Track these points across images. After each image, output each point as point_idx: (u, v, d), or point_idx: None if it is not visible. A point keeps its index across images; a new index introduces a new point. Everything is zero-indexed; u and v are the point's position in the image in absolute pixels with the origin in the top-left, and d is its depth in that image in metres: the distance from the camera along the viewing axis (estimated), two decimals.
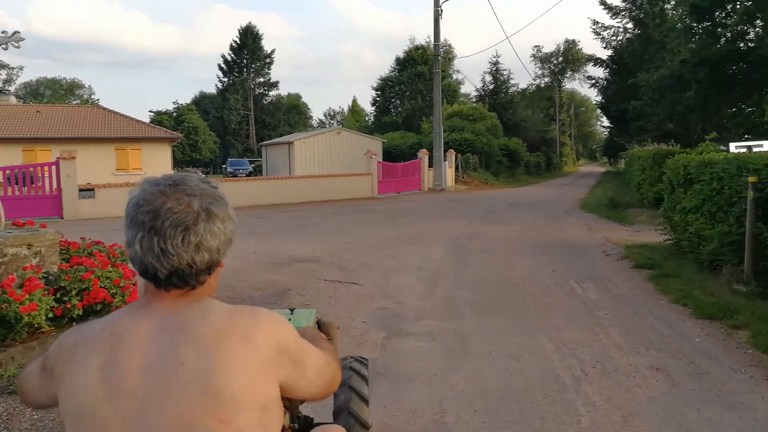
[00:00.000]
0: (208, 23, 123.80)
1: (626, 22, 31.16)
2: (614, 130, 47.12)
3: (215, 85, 61.27)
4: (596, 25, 33.01)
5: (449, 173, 25.54)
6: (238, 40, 59.04)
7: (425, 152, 24.58)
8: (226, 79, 59.41)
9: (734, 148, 12.80)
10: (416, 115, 43.37)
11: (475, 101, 48.37)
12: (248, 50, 58.94)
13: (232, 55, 59.40)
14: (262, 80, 61.17)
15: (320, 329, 1.78)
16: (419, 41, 47.32)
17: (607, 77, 35.25)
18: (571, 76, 62.90)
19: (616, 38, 32.26)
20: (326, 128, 43.32)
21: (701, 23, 13.71)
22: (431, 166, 24.59)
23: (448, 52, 47.59)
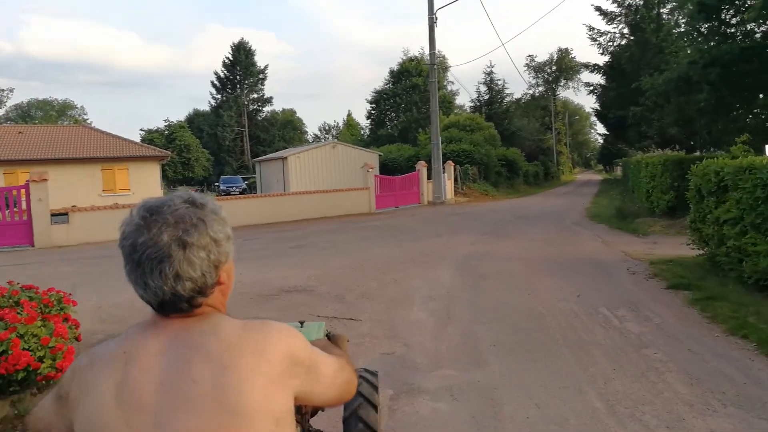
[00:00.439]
0: (201, 42, 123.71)
1: (622, 27, 30.68)
2: (611, 137, 46.59)
3: (208, 102, 60.49)
4: (592, 31, 32.50)
5: (449, 185, 24.73)
6: (231, 56, 58.57)
7: (423, 164, 23.79)
8: (219, 96, 58.85)
9: None
10: (412, 127, 42.72)
11: (470, 112, 47.78)
12: (241, 66, 58.47)
13: (225, 71, 58.88)
14: (255, 96, 60.68)
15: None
16: (413, 53, 46.88)
17: (604, 83, 34.66)
18: (565, 84, 62.58)
19: (612, 44, 31.74)
20: (321, 142, 42.64)
21: (709, 22, 13.03)
22: (430, 178, 23.80)
23: (442, 63, 47.11)
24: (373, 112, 48.13)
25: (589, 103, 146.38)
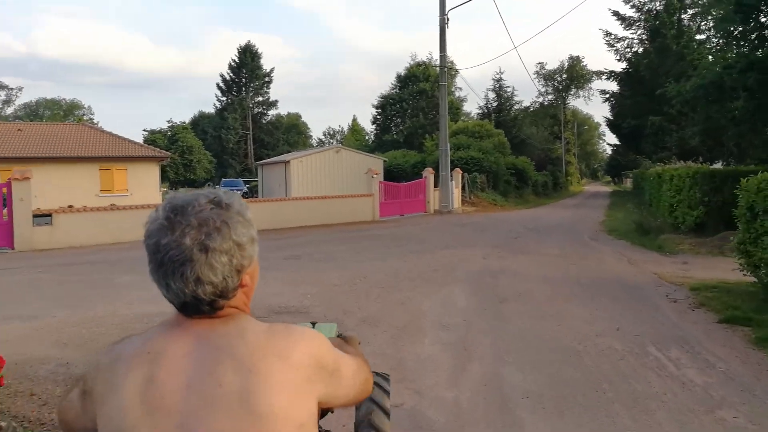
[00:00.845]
0: (209, 45, 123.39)
1: (641, 33, 29.69)
2: (622, 148, 45.56)
3: (213, 104, 59.98)
4: (609, 36, 31.52)
5: (456, 194, 23.80)
6: (237, 59, 58.08)
7: (431, 171, 22.86)
8: (224, 98, 58.38)
9: None
10: (418, 133, 41.84)
11: (478, 119, 46.91)
12: (247, 69, 57.98)
13: (230, 74, 58.39)
14: (260, 99, 60.20)
15: None
16: (420, 58, 46.08)
17: (620, 91, 33.65)
18: (575, 93, 61.63)
19: (630, 50, 30.73)
20: (325, 147, 41.80)
21: (745, 24, 12.11)
22: (436, 186, 22.90)
23: (450, 68, 46.35)
24: (378, 117, 47.30)
25: (598, 112, 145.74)
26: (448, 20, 21.00)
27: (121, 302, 6.56)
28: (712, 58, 15.55)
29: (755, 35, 12.47)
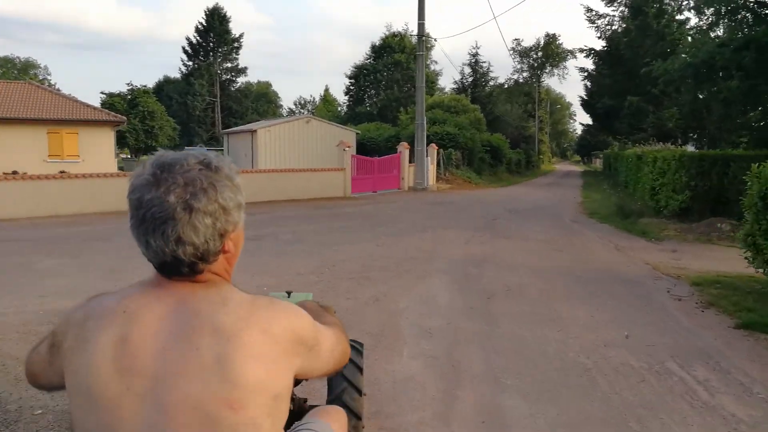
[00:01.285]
0: (176, 7, 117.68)
1: (622, 10, 28.95)
2: (595, 128, 45.35)
3: (179, 69, 57.04)
4: (590, 12, 30.72)
5: (431, 170, 22.92)
6: (204, 22, 55.24)
7: (406, 146, 21.86)
8: (190, 63, 55.80)
9: None
10: (392, 105, 40.67)
11: (454, 94, 45.88)
12: (215, 33, 55.37)
13: (197, 37, 55.67)
14: (229, 65, 57.88)
15: None
16: (396, 28, 44.59)
17: (599, 70, 33.02)
18: (550, 71, 61.07)
19: (610, 27, 30.03)
20: (295, 116, 40.13)
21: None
22: (411, 161, 21.94)
23: (426, 40, 45.07)
24: (351, 87, 45.85)
25: (571, 92, 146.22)
26: None
27: (33, 295, 5.44)
28: (690, 39, 14.90)
29: (750, 12, 11.77)
